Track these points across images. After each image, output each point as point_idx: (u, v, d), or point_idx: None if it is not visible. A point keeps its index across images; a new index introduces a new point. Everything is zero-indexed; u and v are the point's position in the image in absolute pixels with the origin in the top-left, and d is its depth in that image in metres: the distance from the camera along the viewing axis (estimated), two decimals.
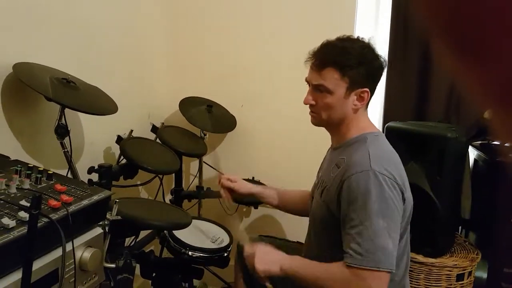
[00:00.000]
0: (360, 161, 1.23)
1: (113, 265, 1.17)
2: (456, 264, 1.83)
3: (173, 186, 2.24)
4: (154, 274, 1.65)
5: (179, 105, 2.17)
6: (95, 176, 1.54)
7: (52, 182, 1.06)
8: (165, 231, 1.68)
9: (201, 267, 1.69)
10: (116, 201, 1.18)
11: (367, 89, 1.30)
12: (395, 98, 2.22)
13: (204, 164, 2.33)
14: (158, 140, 1.95)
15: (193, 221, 1.48)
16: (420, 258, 1.84)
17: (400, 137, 1.85)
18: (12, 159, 1.18)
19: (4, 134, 1.34)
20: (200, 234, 1.78)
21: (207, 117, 2.19)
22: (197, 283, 1.97)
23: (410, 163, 1.83)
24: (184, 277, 1.69)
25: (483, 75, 0.24)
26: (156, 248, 1.99)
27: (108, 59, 1.88)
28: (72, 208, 0.95)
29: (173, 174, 2.21)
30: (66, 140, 1.43)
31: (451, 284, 1.84)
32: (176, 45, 2.41)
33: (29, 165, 1.10)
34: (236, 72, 2.36)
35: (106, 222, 1.14)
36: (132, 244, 1.59)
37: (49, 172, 1.08)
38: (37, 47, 1.46)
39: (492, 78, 0.24)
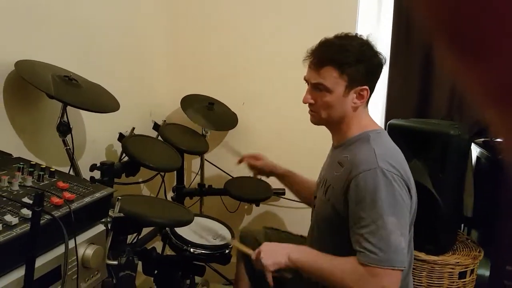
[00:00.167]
0: (366, 159, 1.22)
1: (116, 262, 1.17)
2: (458, 262, 1.83)
3: (175, 183, 2.24)
4: (156, 271, 1.65)
5: (180, 102, 2.17)
6: (97, 174, 1.54)
7: (55, 179, 1.06)
8: (167, 228, 1.68)
9: (202, 264, 1.69)
10: (118, 199, 1.18)
11: (366, 86, 1.29)
12: (397, 96, 2.21)
13: (205, 162, 2.34)
14: (159, 138, 1.95)
15: (195, 218, 1.48)
16: (422, 255, 1.84)
17: (402, 134, 1.85)
18: (15, 156, 1.18)
19: (6, 131, 1.34)
20: (201, 231, 1.78)
21: (208, 115, 2.18)
22: (199, 280, 1.97)
23: (413, 161, 1.82)
24: (186, 274, 1.70)
25: (483, 75, 0.24)
26: (158, 245, 2.00)
27: (109, 57, 1.88)
28: (74, 205, 0.95)
29: (175, 171, 2.21)
30: (68, 137, 1.43)
31: (453, 282, 1.84)
32: (177, 42, 2.41)
33: (32, 163, 1.10)
34: (237, 70, 2.36)
35: (108, 219, 1.14)
36: (134, 241, 1.59)
37: (51, 169, 1.08)
38: (39, 45, 1.46)
39: (492, 78, 0.24)
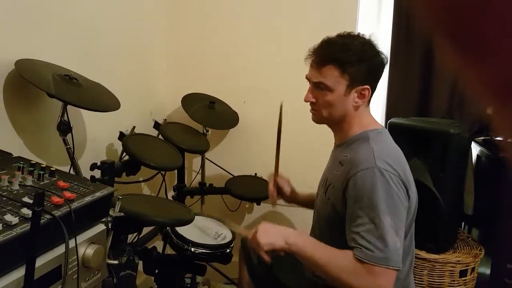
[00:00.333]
0: (365, 159, 1.22)
1: (116, 262, 1.17)
2: (459, 260, 1.83)
3: (176, 182, 2.24)
4: (157, 271, 1.65)
5: (181, 101, 2.17)
6: (97, 173, 1.54)
7: (55, 178, 1.06)
8: (167, 228, 1.68)
9: (203, 263, 1.69)
10: (119, 198, 1.18)
11: (367, 86, 1.29)
12: (397, 94, 2.21)
13: (206, 161, 2.33)
14: (160, 137, 1.95)
15: (195, 217, 1.48)
16: (423, 254, 1.84)
17: (403, 133, 1.85)
18: (15, 155, 1.18)
19: (6, 130, 1.34)
20: (202, 231, 1.78)
21: (209, 114, 2.18)
22: (200, 279, 1.97)
23: (413, 159, 1.82)
24: (187, 273, 1.70)
25: (484, 73, 0.24)
26: (159, 244, 2.00)
27: (110, 56, 1.87)
28: (75, 205, 0.95)
29: (176, 170, 2.21)
30: (69, 136, 1.43)
31: (454, 280, 1.84)
32: (178, 41, 2.41)
33: (32, 162, 1.10)
34: (238, 69, 2.36)
35: (109, 219, 1.14)
36: (135, 241, 1.59)
37: (51, 168, 1.08)
38: (39, 44, 1.46)
39: (492, 76, 0.24)
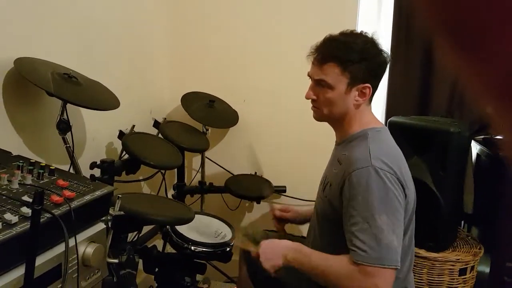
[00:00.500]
0: (360, 157, 1.22)
1: (116, 260, 1.17)
2: (458, 259, 1.83)
3: (176, 181, 2.24)
4: (157, 269, 1.65)
5: (181, 100, 2.17)
6: (97, 172, 1.54)
7: (54, 177, 1.06)
8: (167, 226, 1.68)
9: (203, 262, 1.69)
10: (118, 197, 1.18)
11: (369, 84, 1.28)
12: (397, 93, 2.21)
13: (206, 159, 2.33)
14: (160, 135, 1.95)
15: (195, 216, 1.48)
16: (423, 252, 1.84)
17: (402, 132, 1.85)
18: (14, 154, 1.17)
19: (5, 129, 1.34)
20: (202, 229, 1.78)
21: (209, 112, 2.18)
22: (200, 278, 1.98)
23: (413, 158, 1.82)
24: (187, 272, 1.69)
25: (484, 72, 0.24)
26: (158, 243, 2.00)
27: (109, 55, 1.87)
28: (74, 204, 0.95)
29: (176, 169, 2.21)
30: (68, 135, 1.43)
31: (453, 279, 1.84)
32: (177, 40, 2.40)
33: (31, 161, 1.10)
34: (238, 67, 2.35)
35: (108, 218, 1.14)
36: (135, 239, 1.59)
37: (51, 167, 1.07)
38: (38, 42, 1.46)
39: (492, 75, 0.24)
